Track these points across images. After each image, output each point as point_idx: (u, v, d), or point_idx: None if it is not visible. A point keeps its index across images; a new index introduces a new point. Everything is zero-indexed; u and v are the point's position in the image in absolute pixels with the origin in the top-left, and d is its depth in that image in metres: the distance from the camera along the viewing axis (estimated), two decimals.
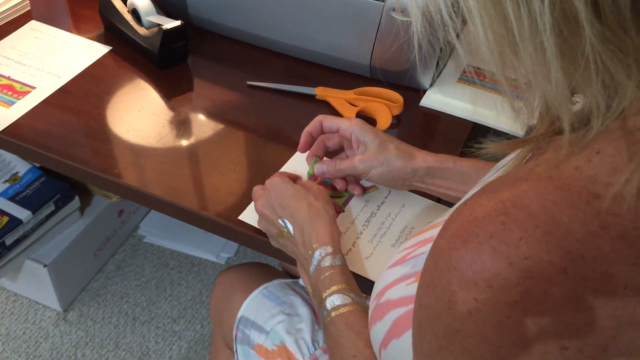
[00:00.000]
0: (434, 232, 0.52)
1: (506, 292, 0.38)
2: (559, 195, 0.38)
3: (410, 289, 0.50)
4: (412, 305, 0.48)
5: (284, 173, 0.80)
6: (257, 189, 0.77)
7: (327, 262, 0.68)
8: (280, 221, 0.72)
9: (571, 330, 0.38)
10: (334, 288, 0.66)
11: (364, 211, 0.81)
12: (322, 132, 0.81)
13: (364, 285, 0.75)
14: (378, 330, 0.53)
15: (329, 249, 0.69)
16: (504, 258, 0.38)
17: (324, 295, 0.66)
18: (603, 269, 0.36)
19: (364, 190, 0.82)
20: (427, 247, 0.51)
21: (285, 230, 0.72)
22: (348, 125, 0.78)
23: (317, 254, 0.69)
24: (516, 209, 0.38)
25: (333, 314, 0.65)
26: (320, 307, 0.67)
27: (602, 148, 0.39)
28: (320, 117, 0.80)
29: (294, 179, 0.79)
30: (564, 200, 0.38)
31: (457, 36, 0.43)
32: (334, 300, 0.65)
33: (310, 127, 0.81)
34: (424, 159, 0.76)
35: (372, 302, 0.55)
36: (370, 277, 0.74)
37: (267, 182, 0.76)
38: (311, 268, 0.69)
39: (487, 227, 0.39)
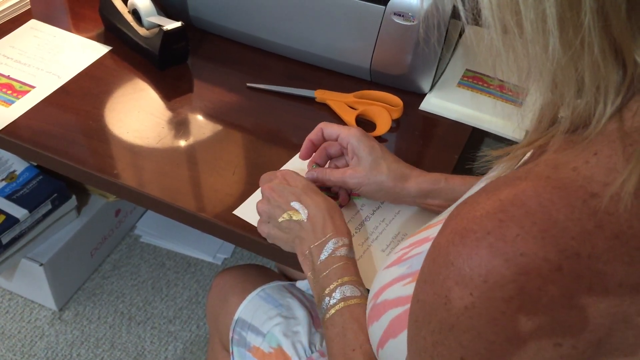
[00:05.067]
0: (431, 232, 0.53)
1: (501, 288, 0.38)
2: (556, 194, 0.38)
3: (406, 289, 0.50)
4: (408, 306, 0.48)
5: None
6: (266, 175, 0.78)
7: (342, 251, 0.68)
8: (293, 204, 0.72)
9: (565, 328, 0.38)
10: (346, 278, 0.67)
11: (359, 214, 0.82)
12: (324, 140, 0.81)
13: None
14: (375, 330, 0.53)
15: (346, 241, 0.70)
16: (500, 254, 0.38)
17: (335, 284, 0.66)
18: (597, 267, 0.37)
19: (349, 199, 0.83)
20: (424, 247, 0.52)
21: (297, 213, 0.71)
22: (346, 134, 0.78)
23: (332, 242, 0.69)
24: (514, 207, 0.39)
25: (342, 304, 0.65)
26: (325, 295, 0.67)
27: (599, 149, 0.39)
28: (321, 125, 0.81)
29: None
30: (561, 199, 0.38)
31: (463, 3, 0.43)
32: (344, 291, 0.66)
33: (312, 135, 0.81)
34: (416, 181, 0.77)
35: (369, 303, 0.56)
36: None
37: (279, 171, 0.76)
38: (322, 254, 0.69)
39: (485, 225, 0.39)
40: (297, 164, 0.86)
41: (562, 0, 0.37)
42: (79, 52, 1.05)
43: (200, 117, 0.96)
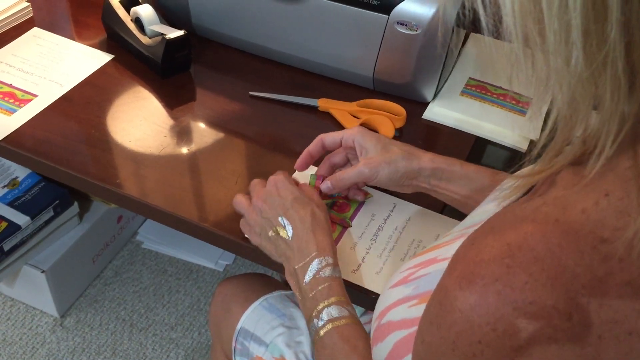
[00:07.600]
0: (438, 253, 0.52)
1: (510, 337, 0.37)
2: (565, 239, 0.37)
3: (412, 311, 0.50)
4: (414, 328, 0.47)
5: (287, 174, 0.78)
6: (256, 182, 0.77)
7: (327, 272, 0.68)
8: (280, 219, 0.71)
9: None
10: (333, 299, 0.66)
11: (371, 225, 0.81)
12: (326, 150, 0.81)
13: (376, 301, 0.74)
14: (379, 352, 0.53)
15: (330, 260, 0.68)
16: (509, 302, 0.37)
17: (321, 305, 0.66)
18: (609, 315, 0.36)
19: (366, 195, 0.83)
20: (431, 268, 0.51)
21: (283, 230, 0.71)
22: (350, 133, 0.78)
23: (316, 262, 0.68)
24: (522, 251, 0.38)
25: (330, 325, 0.64)
26: (314, 316, 0.66)
27: (611, 190, 0.38)
28: (321, 136, 0.80)
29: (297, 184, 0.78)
30: (569, 244, 0.37)
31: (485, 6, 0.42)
32: (331, 312, 0.65)
33: (312, 146, 0.80)
34: (430, 159, 0.76)
35: (373, 323, 0.55)
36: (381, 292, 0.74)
37: (272, 178, 0.75)
38: (307, 276, 0.68)
39: (493, 270, 0.39)
40: (298, 174, 0.86)
41: (589, 11, 0.35)
42: (82, 60, 1.05)
43: (202, 126, 0.96)
